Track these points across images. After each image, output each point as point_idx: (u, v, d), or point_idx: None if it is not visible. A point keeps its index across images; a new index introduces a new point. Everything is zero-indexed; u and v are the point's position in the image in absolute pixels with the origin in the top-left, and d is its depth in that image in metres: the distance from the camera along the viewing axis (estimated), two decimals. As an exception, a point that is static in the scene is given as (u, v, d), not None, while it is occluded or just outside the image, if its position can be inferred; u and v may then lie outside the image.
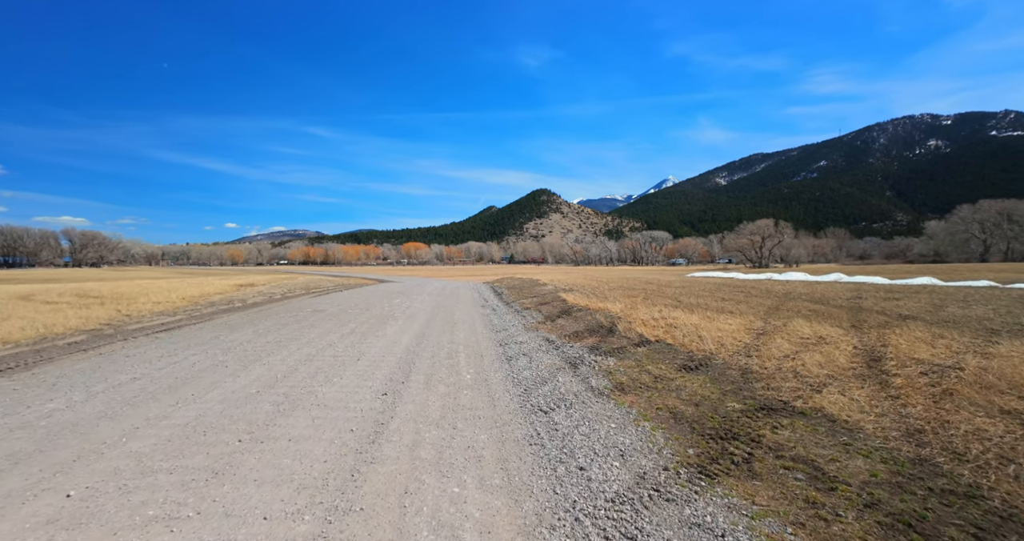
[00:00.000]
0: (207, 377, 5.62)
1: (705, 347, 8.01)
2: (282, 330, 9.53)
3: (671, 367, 7.08)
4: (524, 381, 5.92)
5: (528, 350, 7.97)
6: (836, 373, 6.20)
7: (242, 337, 8.67)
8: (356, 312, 12.87)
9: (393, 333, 9.30)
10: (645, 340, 8.83)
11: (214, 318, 12.11)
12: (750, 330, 9.39)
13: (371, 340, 8.42)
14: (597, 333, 9.92)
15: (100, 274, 63.87)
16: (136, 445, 3.49)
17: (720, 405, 5.29)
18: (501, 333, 9.79)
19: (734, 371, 6.71)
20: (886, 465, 3.57)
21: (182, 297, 17.79)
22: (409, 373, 6.03)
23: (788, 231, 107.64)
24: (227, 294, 19.76)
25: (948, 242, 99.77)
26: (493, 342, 8.67)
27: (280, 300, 18.34)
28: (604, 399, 5.39)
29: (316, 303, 15.96)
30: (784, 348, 7.66)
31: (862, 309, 11.28)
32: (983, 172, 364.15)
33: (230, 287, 23.08)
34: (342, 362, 6.56)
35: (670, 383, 6.20)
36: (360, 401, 4.76)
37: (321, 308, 13.96)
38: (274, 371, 5.96)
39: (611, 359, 7.57)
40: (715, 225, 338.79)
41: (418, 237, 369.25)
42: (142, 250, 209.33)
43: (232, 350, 7.34)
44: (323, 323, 10.63)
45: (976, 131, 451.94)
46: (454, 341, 8.57)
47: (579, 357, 7.58)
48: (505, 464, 3.36)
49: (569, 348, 8.33)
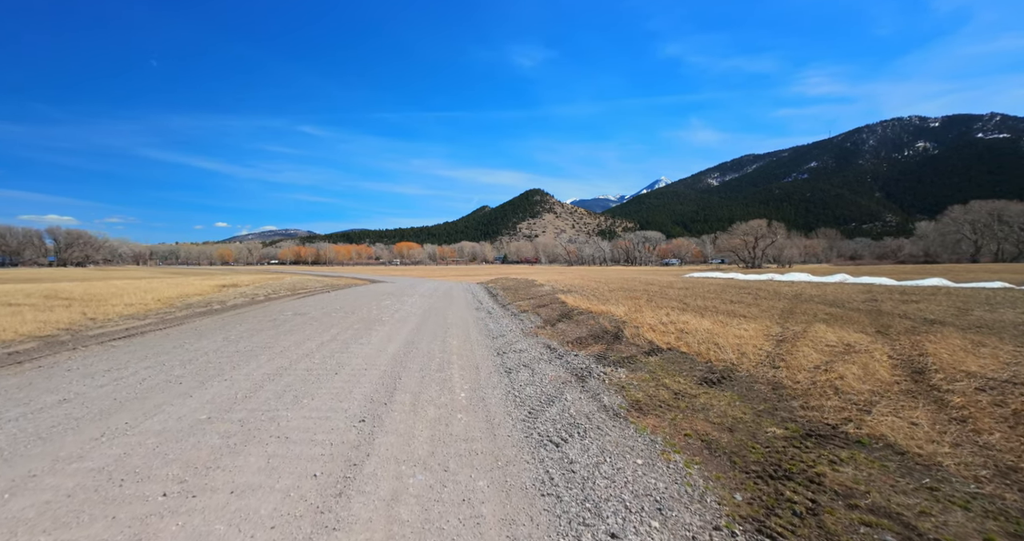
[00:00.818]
0: (152, 398, 4.75)
1: (724, 356, 7.26)
2: (256, 337, 8.64)
3: (690, 380, 6.31)
4: (527, 400, 5.11)
5: (529, 360, 7.16)
6: (880, 389, 5.46)
7: (209, 345, 7.78)
8: (341, 315, 11.98)
9: (379, 340, 8.44)
10: (656, 348, 8.06)
11: (186, 322, 11.17)
12: (769, 336, 8.66)
13: (354, 349, 7.56)
14: (602, 340, 9.14)
15: (81, 274, 62.10)
16: (16, 507, 2.62)
17: (758, 430, 4.53)
18: (498, 340, 8.97)
19: (762, 385, 5.96)
20: (998, 522, 2.81)
21: (158, 299, 16.77)
22: (394, 391, 5.19)
23: (781, 231, 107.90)
24: (207, 295, 18.75)
25: (939, 243, 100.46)
26: (490, 351, 7.85)
27: (263, 301, 17.38)
28: (622, 423, 4.60)
29: (299, 305, 15.04)
30: (812, 358, 6.92)
31: (882, 312, 10.61)
32: (970, 174, 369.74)
33: (211, 288, 22.03)
34: (317, 377, 5.70)
35: (693, 401, 5.42)
36: (331, 430, 3.92)
37: (303, 311, 13.05)
38: (235, 389, 5.09)
39: (622, 370, 6.79)
40: (707, 225, 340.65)
41: (411, 237, 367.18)
42: (129, 249, 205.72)
43: (193, 361, 6.46)
44: (303, 328, 9.74)
45: (963, 133, 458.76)
46: (446, 349, 7.73)
47: (586, 368, 6.80)
48: (512, 530, 2.54)
49: (574, 357, 7.54)
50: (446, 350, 7.69)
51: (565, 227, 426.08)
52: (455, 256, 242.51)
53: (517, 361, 7.11)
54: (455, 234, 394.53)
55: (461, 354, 7.42)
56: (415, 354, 7.29)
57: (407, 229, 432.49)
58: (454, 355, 7.34)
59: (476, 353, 7.58)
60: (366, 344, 8.02)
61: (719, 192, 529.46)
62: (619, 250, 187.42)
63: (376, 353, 7.28)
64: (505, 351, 7.84)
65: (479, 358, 7.22)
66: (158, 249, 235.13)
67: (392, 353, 7.30)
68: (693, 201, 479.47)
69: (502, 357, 7.38)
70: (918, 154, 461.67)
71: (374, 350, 7.50)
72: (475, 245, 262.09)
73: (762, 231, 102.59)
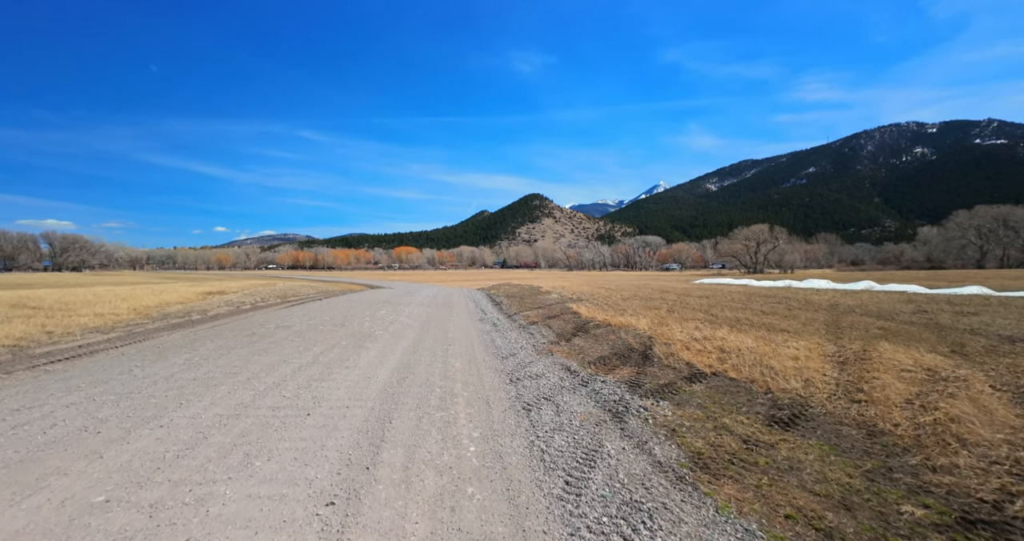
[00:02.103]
0: (45, 460, 3.45)
1: (786, 385, 5.98)
2: (224, 357, 7.34)
3: (755, 420, 5.03)
4: (560, 458, 3.82)
5: (549, 390, 5.88)
6: (1017, 438, 4.20)
7: (164, 370, 6.48)
8: (329, 329, 10.68)
9: (369, 362, 7.15)
10: (698, 372, 6.78)
11: (154, 337, 9.86)
12: (826, 357, 7.39)
13: (337, 375, 6.27)
14: (630, 360, 7.86)
15: (72, 279, 60.70)
16: None
17: (885, 508, 3.25)
18: (508, 360, 7.68)
19: (851, 428, 4.69)
20: None
21: (134, 308, 15.44)
22: (380, 444, 3.90)
23: (783, 236, 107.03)
24: (188, 304, 17.42)
25: (942, 248, 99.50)
26: (500, 376, 6.56)
27: (248, 311, 16.08)
28: (692, 495, 3.32)
29: (285, 316, 13.73)
30: (897, 388, 5.65)
31: (943, 327, 9.35)
32: (968, 179, 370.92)
33: (195, 295, 20.70)
34: (283, 420, 4.41)
35: (772, 453, 4.14)
36: (280, 527, 2.64)
37: (288, 323, 11.74)
38: (168, 442, 3.80)
39: (664, 404, 5.51)
40: (706, 230, 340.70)
41: (410, 241, 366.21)
42: (126, 254, 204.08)
43: (133, 395, 5.16)
44: (282, 346, 8.44)
45: (960, 139, 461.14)
46: (449, 375, 6.45)
47: (620, 401, 5.52)
48: None
49: (601, 384, 6.26)
50: (448, 376, 6.40)
51: (564, 232, 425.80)
52: (454, 261, 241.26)
53: (535, 391, 5.82)
54: (454, 239, 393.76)
55: (467, 382, 6.13)
56: (411, 382, 6.00)
57: (406, 234, 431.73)
58: (458, 383, 6.05)
59: (484, 380, 6.30)
60: (353, 368, 6.72)
61: (718, 197, 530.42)
62: (619, 255, 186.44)
63: (363, 381, 5.98)
64: (519, 376, 6.55)
65: (488, 387, 5.93)
66: (155, 254, 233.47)
67: (383, 381, 6.00)
68: (692, 206, 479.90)
69: (516, 386, 6.09)
70: (916, 160, 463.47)
71: (361, 377, 6.20)
72: (474, 250, 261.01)
73: (764, 236, 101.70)
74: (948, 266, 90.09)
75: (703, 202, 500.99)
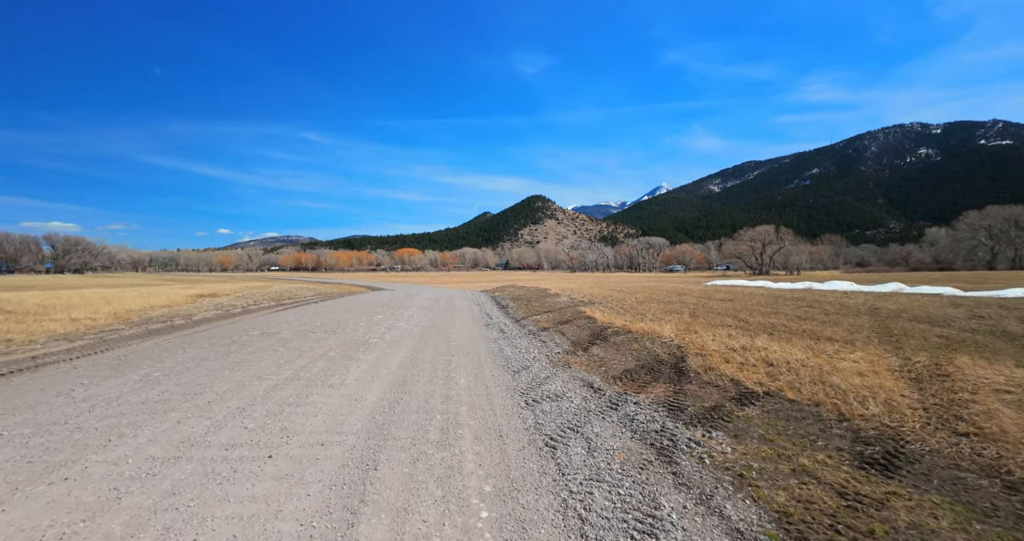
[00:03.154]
0: None
1: (863, 409, 4.89)
2: (189, 373, 6.29)
3: (841, 459, 3.94)
4: (605, 528, 2.75)
5: (574, 416, 4.81)
6: None
7: (112, 390, 5.43)
8: (318, 336, 9.63)
9: (358, 378, 6.09)
10: (747, 391, 5.69)
11: (124, 345, 8.83)
12: (894, 371, 6.30)
13: (317, 396, 5.22)
14: (660, 374, 6.78)
15: (69, 281, 59.99)
16: None
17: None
18: (521, 375, 6.61)
19: (976, 476, 3.59)
20: None
21: (115, 312, 14.45)
22: (358, 509, 2.84)
23: (789, 237, 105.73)
24: (175, 307, 16.42)
25: (951, 249, 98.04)
26: (513, 397, 5.49)
27: (237, 315, 15.06)
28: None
29: (274, 321, 12.69)
30: (1009, 417, 4.54)
31: (1013, 335, 8.23)
32: (973, 180, 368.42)
33: (185, 298, 19.70)
34: (234, 467, 3.36)
35: (888, 516, 3.06)
36: None
37: (275, 330, 10.69)
38: (57, 511, 2.75)
39: (718, 435, 4.43)
40: (709, 232, 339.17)
41: (412, 243, 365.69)
42: (128, 256, 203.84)
43: (53, 429, 4.11)
44: (262, 357, 7.39)
45: (965, 140, 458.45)
46: (452, 397, 5.38)
47: (663, 432, 4.45)
48: None
49: (634, 407, 5.19)
50: (451, 397, 5.33)
51: (567, 233, 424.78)
52: (457, 262, 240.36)
53: (557, 417, 4.75)
54: (457, 240, 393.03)
55: (474, 405, 5.06)
56: (406, 406, 4.94)
57: (408, 235, 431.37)
58: (463, 407, 4.98)
59: (495, 402, 5.23)
60: (338, 386, 5.66)
61: (721, 198, 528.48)
62: (622, 256, 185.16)
63: (348, 405, 4.92)
64: (536, 397, 5.48)
65: (500, 413, 4.86)
66: (158, 256, 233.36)
67: (372, 405, 4.94)
68: (695, 207, 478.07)
69: (533, 410, 5.02)
70: (920, 161, 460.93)
71: (346, 400, 5.14)
72: (477, 251, 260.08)
73: (770, 237, 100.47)
74: (957, 267, 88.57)
75: (706, 203, 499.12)
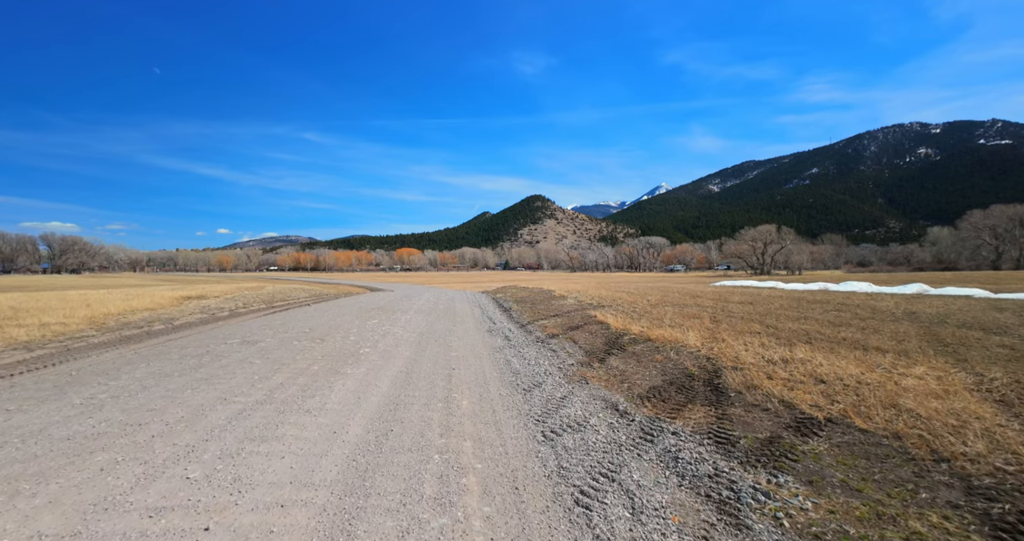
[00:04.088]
0: None
1: (962, 446, 3.93)
2: (143, 394, 5.34)
3: (965, 524, 2.96)
4: None
5: (603, 455, 3.86)
6: None
7: (38, 419, 4.49)
8: (304, 345, 8.68)
9: (342, 400, 5.14)
10: (804, 416, 4.75)
11: (85, 356, 7.88)
12: (973, 390, 5.37)
13: (288, 428, 4.27)
14: (694, 392, 5.83)
15: (62, 282, 58.96)
16: None
17: None
18: (534, 394, 5.67)
19: None
20: None
21: (91, 316, 13.48)
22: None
23: (791, 237, 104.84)
24: (159, 310, 15.45)
25: (954, 249, 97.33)
26: (527, 425, 4.55)
27: (223, 319, 14.12)
28: None
29: (259, 326, 11.73)
30: None
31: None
32: (972, 180, 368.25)
33: (171, 300, 18.72)
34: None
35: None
36: None
37: (256, 337, 9.73)
38: None
39: (786, 481, 3.48)
40: (709, 231, 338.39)
41: (412, 243, 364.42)
42: (126, 256, 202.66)
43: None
44: (234, 372, 6.44)
45: (965, 140, 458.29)
46: (453, 426, 4.43)
47: (717, 477, 3.50)
48: None
49: (672, 438, 4.24)
50: (452, 428, 4.39)
51: (566, 233, 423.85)
52: (456, 262, 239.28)
53: (585, 458, 3.80)
54: (456, 240, 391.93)
55: (480, 439, 4.12)
56: (396, 442, 3.99)
57: (408, 235, 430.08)
58: (467, 442, 4.04)
59: (506, 435, 4.28)
60: (316, 412, 4.72)
61: (720, 198, 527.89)
62: (623, 256, 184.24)
63: (324, 441, 3.98)
64: (555, 427, 4.54)
65: (513, 452, 3.91)
66: (156, 255, 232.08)
67: (354, 441, 3.99)
68: (694, 207, 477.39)
69: (553, 446, 4.07)
70: (920, 160, 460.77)
71: (323, 432, 4.20)
72: (476, 251, 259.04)
73: (771, 236, 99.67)
74: (962, 267, 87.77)
75: (705, 203, 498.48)
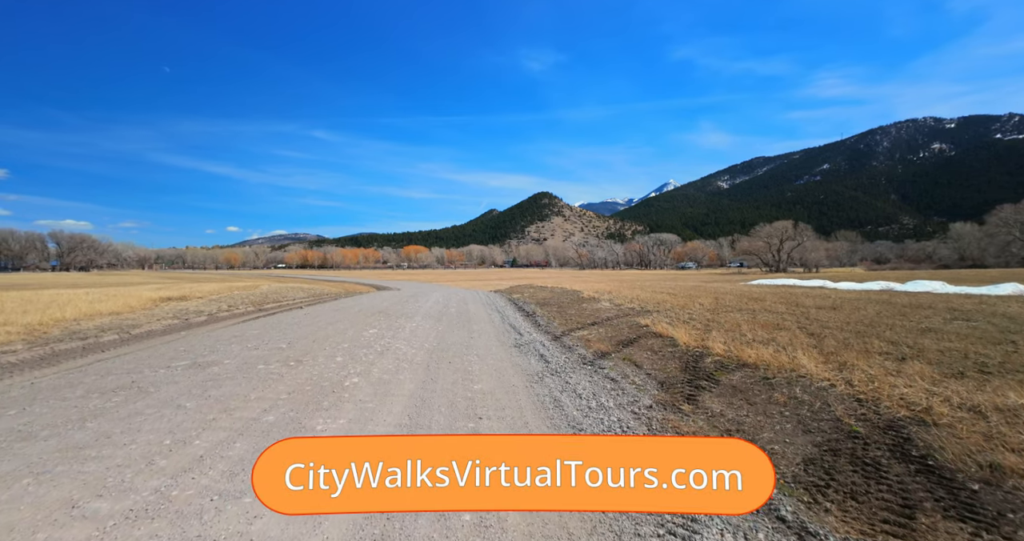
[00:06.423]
0: None
1: None
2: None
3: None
4: None
5: None
6: None
7: None
8: (270, 372, 6.38)
9: (282, 520, 2.87)
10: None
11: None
12: None
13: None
14: (874, 466, 3.44)
15: (63, 280, 57.48)
16: None
17: None
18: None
19: None
20: None
21: (38, 321, 11.30)
22: None
23: (808, 233, 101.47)
24: (126, 314, 13.28)
25: (978, 246, 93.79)
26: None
27: (199, 324, 11.93)
28: None
29: (230, 337, 9.47)
30: None
31: None
32: (989, 175, 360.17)
33: (147, 302, 16.57)
34: None
35: None
36: None
37: (216, 357, 7.45)
38: None
39: None
40: (719, 228, 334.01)
41: (419, 240, 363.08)
42: (135, 253, 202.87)
43: None
44: (139, 429, 4.15)
45: (980, 134, 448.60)
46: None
47: None
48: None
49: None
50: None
51: (574, 230, 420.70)
52: (463, 260, 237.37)
53: None
54: (463, 237, 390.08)
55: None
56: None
57: (415, 233, 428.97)
58: None
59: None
60: (235, 539, 2.43)
61: (729, 195, 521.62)
62: (632, 253, 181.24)
63: None
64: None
65: None
66: (165, 253, 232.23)
67: None
68: (703, 204, 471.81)
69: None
70: (934, 156, 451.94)
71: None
72: (484, 248, 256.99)
73: (787, 233, 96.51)
74: (989, 264, 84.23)
75: (715, 200, 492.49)
